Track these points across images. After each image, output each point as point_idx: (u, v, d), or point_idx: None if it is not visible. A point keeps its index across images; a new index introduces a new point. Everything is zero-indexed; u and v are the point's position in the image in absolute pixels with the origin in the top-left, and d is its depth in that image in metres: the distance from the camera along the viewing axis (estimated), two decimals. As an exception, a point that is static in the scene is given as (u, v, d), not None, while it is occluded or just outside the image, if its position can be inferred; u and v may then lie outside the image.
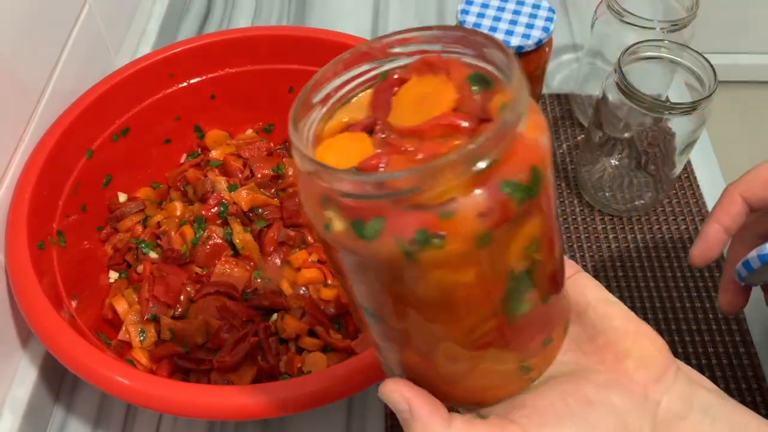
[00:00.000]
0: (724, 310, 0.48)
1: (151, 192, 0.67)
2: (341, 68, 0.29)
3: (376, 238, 0.24)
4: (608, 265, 0.66)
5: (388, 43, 0.28)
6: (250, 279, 0.61)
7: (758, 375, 0.58)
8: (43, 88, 0.58)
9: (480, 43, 0.26)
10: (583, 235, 0.68)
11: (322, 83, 0.28)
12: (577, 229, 0.69)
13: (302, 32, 0.66)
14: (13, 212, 0.53)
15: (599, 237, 0.68)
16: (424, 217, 0.23)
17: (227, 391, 0.45)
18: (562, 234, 0.68)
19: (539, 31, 0.63)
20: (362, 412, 0.57)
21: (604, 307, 0.32)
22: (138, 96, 0.63)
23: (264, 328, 0.57)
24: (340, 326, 0.59)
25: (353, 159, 0.25)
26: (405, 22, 0.89)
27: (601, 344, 0.32)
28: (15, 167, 0.55)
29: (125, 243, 0.62)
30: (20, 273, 0.50)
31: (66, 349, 0.47)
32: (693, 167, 0.73)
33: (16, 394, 0.53)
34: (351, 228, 0.24)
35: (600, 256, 0.67)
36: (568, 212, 0.70)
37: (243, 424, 0.57)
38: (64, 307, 0.52)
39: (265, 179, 0.65)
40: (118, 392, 0.45)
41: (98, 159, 0.61)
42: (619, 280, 0.65)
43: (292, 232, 0.64)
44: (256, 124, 0.71)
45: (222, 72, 0.66)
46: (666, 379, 0.31)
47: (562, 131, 0.77)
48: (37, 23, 0.56)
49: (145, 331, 0.56)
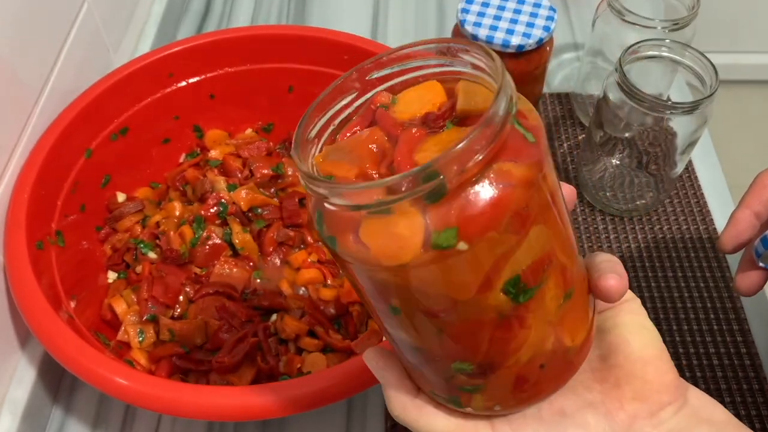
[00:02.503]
0: (740, 291, 0.46)
1: (150, 192, 0.67)
2: (328, 102, 0.29)
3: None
4: (609, 265, 0.66)
5: (368, 69, 0.30)
6: (249, 279, 0.61)
7: (759, 375, 0.58)
8: (42, 88, 0.57)
9: (458, 50, 0.27)
10: (584, 235, 0.68)
11: (313, 120, 0.29)
12: (578, 229, 0.68)
13: (302, 32, 0.66)
14: (11, 212, 0.52)
15: (600, 237, 0.68)
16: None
17: (227, 391, 0.45)
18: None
19: (540, 31, 0.63)
20: (362, 412, 0.57)
21: (628, 332, 0.32)
22: (137, 95, 0.63)
23: (263, 329, 0.57)
24: (339, 326, 0.59)
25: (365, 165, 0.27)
26: (405, 21, 0.89)
27: (609, 365, 0.32)
28: (13, 167, 0.54)
29: (124, 243, 0.62)
30: (19, 273, 0.50)
31: (64, 350, 0.47)
32: (694, 167, 0.72)
33: (15, 394, 0.53)
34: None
35: (601, 256, 0.66)
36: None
37: (243, 424, 0.57)
38: (62, 308, 0.52)
39: (264, 179, 0.65)
40: (116, 393, 0.45)
41: (97, 159, 0.61)
42: (619, 280, 0.65)
43: (292, 232, 0.64)
44: (256, 123, 0.71)
45: (221, 71, 0.66)
46: (661, 415, 0.31)
47: (563, 131, 0.76)
48: (36, 22, 0.56)
49: (144, 332, 0.56)
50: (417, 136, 0.26)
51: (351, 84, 0.29)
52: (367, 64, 0.29)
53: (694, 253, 0.66)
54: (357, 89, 0.30)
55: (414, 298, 0.26)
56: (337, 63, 0.65)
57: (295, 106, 0.69)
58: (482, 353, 0.28)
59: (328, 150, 0.28)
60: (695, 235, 0.67)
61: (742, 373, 0.58)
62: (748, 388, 0.58)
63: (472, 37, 0.63)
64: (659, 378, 0.31)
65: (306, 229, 0.65)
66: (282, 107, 0.69)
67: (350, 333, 0.58)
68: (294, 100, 0.68)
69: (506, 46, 0.62)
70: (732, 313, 0.62)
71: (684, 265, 0.65)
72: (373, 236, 0.25)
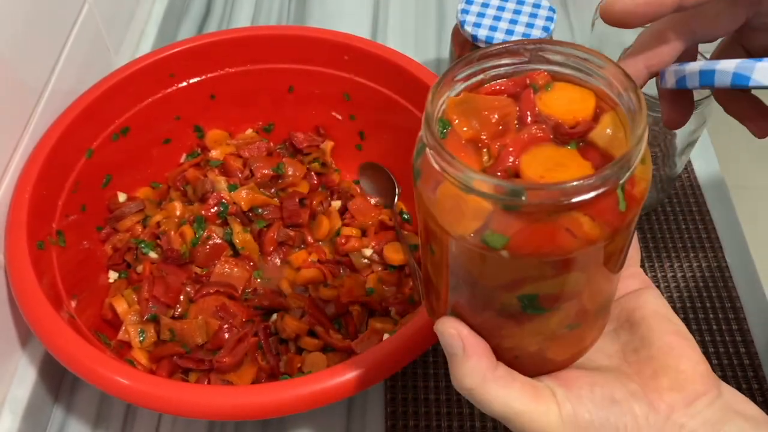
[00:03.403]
0: (665, 124, 0.41)
1: (151, 192, 0.67)
2: (493, 55, 0.30)
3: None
4: (608, 264, 0.66)
5: (546, 46, 0.30)
6: (249, 279, 0.61)
7: (758, 375, 0.58)
8: (43, 88, 0.58)
9: (622, 83, 0.28)
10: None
11: (470, 63, 0.30)
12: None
13: (302, 32, 0.66)
14: (12, 212, 0.53)
15: (599, 237, 0.68)
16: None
17: (227, 391, 0.45)
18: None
19: (539, 31, 0.63)
20: (362, 412, 0.57)
21: (657, 323, 0.33)
22: (138, 96, 0.63)
23: (264, 328, 0.57)
24: (339, 326, 0.59)
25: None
26: (405, 21, 0.89)
27: (643, 357, 0.33)
28: (15, 167, 0.55)
29: (125, 243, 0.62)
30: (20, 273, 0.50)
31: (65, 350, 0.47)
32: (693, 167, 0.72)
33: (16, 394, 0.53)
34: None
35: (600, 256, 0.66)
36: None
37: (243, 424, 0.57)
38: (63, 307, 0.52)
39: (264, 179, 0.65)
40: (117, 392, 0.45)
41: (98, 159, 0.61)
42: (619, 280, 0.65)
43: (292, 231, 0.64)
44: (256, 123, 0.71)
45: (222, 72, 0.66)
46: (697, 405, 0.31)
47: (562, 131, 0.76)
48: (37, 23, 0.56)
49: (144, 331, 0.56)
50: (537, 136, 0.27)
51: (523, 49, 0.30)
52: (549, 43, 0.30)
53: (693, 253, 0.66)
54: (526, 58, 0.30)
55: (449, 254, 0.29)
56: (337, 63, 0.65)
57: (295, 106, 0.69)
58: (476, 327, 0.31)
59: (465, 97, 0.29)
60: (694, 234, 0.67)
61: (741, 373, 0.59)
62: (747, 387, 0.58)
63: (472, 37, 0.63)
64: (692, 368, 0.32)
65: (306, 229, 0.65)
66: (282, 107, 0.69)
67: (350, 333, 0.58)
68: (294, 100, 0.69)
69: (506, 47, 0.62)
70: (731, 313, 0.62)
71: (683, 265, 0.65)
72: (444, 197, 0.27)
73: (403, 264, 0.62)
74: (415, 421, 0.56)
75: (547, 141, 0.27)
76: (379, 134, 0.68)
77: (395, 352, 0.46)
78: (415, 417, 0.57)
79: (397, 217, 0.65)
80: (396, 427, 0.56)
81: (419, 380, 0.58)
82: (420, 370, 0.59)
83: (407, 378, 0.59)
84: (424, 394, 0.58)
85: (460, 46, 0.66)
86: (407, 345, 0.46)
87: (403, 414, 0.57)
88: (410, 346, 0.46)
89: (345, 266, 0.63)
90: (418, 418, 0.56)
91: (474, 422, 0.56)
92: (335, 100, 0.68)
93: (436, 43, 0.86)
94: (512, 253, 0.26)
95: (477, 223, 0.26)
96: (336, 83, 0.66)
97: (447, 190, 0.27)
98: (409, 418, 0.56)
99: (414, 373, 0.59)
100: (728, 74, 0.26)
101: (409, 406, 0.57)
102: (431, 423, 0.56)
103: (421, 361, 0.59)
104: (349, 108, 0.68)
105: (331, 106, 0.69)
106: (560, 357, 0.32)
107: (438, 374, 0.59)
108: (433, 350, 0.60)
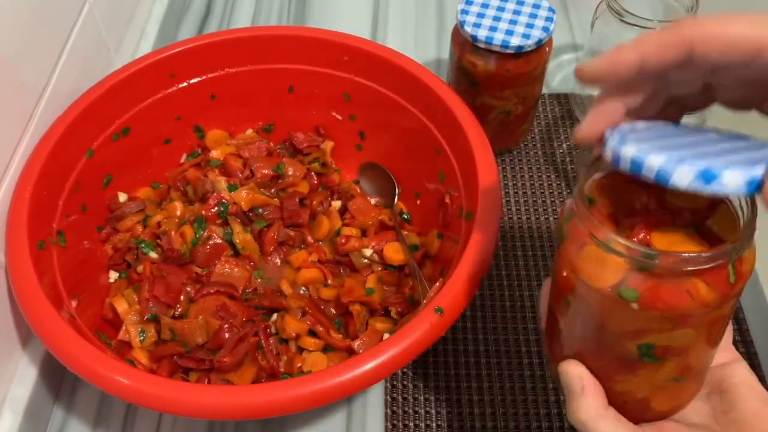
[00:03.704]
0: (575, 138, 0.37)
1: (151, 192, 0.67)
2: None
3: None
4: (608, 265, 0.66)
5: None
6: (250, 279, 0.61)
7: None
8: (44, 88, 0.58)
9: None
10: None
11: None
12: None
13: (302, 32, 0.66)
14: (13, 212, 0.53)
15: (599, 237, 0.68)
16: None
17: (227, 390, 0.45)
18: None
19: (539, 31, 0.63)
20: (362, 412, 0.57)
21: (746, 390, 0.37)
22: (138, 96, 0.63)
23: (264, 328, 0.57)
24: (340, 326, 0.59)
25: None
26: (405, 22, 0.89)
27: (731, 419, 0.36)
28: (15, 167, 0.55)
29: (125, 243, 0.62)
30: (20, 273, 0.50)
31: (66, 349, 0.47)
32: (693, 167, 0.72)
33: (16, 393, 0.53)
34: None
35: (600, 256, 0.66)
36: (568, 212, 0.70)
37: (243, 423, 0.57)
38: (64, 307, 0.52)
39: (265, 179, 0.65)
40: (118, 392, 0.45)
41: (98, 159, 0.61)
42: (619, 280, 0.65)
43: (292, 231, 0.64)
44: (256, 123, 0.71)
45: (222, 72, 0.66)
46: None
47: (562, 131, 0.77)
48: (37, 23, 0.56)
49: (145, 331, 0.56)
50: (664, 219, 0.34)
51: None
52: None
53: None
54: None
55: (585, 305, 0.35)
56: (337, 63, 0.65)
57: (295, 106, 0.69)
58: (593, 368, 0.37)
59: (608, 182, 0.35)
60: (694, 235, 0.67)
61: (741, 373, 0.59)
62: (746, 388, 0.58)
63: (472, 37, 0.63)
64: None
65: (306, 229, 0.65)
66: (282, 107, 0.69)
67: (350, 333, 0.58)
68: (294, 100, 0.69)
69: (505, 47, 0.62)
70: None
71: (683, 265, 0.65)
72: (588, 256, 0.33)
73: (403, 264, 0.62)
74: (415, 421, 0.56)
75: (671, 223, 0.34)
76: (379, 134, 0.68)
77: (395, 352, 0.46)
78: (415, 417, 0.57)
79: (397, 217, 0.66)
80: (396, 427, 0.56)
81: (419, 380, 0.59)
82: (420, 370, 0.59)
83: (407, 378, 0.59)
84: (424, 394, 0.58)
85: (459, 46, 0.66)
86: (407, 345, 0.46)
87: (403, 414, 0.57)
88: (410, 346, 0.46)
89: (345, 266, 0.63)
90: (418, 418, 0.57)
91: (474, 423, 0.56)
92: (335, 100, 0.68)
93: (436, 43, 0.86)
94: (641, 306, 0.32)
95: (615, 278, 0.32)
96: (336, 83, 0.66)
97: (591, 251, 0.33)
98: (409, 418, 0.57)
99: (414, 373, 0.59)
100: (653, 171, 0.30)
101: (409, 406, 0.57)
102: (431, 423, 0.56)
103: (421, 361, 0.59)
104: (349, 108, 0.68)
105: (331, 106, 0.69)
106: (662, 407, 0.38)
107: (438, 374, 0.59)
108: (433, 350, 0.60)
